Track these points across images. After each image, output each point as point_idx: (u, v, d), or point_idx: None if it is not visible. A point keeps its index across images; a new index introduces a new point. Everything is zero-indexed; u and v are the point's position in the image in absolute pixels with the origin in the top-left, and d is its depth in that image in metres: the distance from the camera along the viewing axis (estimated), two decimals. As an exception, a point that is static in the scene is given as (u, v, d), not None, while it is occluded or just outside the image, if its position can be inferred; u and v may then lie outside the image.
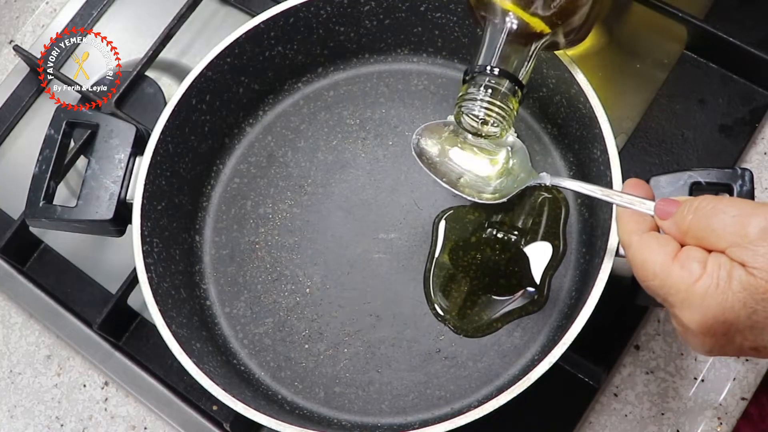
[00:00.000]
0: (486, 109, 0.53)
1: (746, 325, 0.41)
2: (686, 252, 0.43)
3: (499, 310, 0.61)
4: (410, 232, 0.64)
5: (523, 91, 0.53)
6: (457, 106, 0.54)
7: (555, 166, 0.64)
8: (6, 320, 0.72)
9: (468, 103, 0.53)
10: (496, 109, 0.53)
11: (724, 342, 0.43)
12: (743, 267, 0.41)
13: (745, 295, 0.40)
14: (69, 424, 0.68)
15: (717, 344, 0.43)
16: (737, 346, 0.43)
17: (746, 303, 0.41)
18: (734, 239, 0.41)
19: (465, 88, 0.53)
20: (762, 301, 0.40)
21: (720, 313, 0.41)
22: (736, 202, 0.43)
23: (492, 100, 0.52)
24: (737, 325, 0.41)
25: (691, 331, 0.43)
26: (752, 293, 0.40)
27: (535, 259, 0.61)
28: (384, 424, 0.59)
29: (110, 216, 0.59)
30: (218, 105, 0.66)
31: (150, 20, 0.80)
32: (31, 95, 0.79)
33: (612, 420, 0.62)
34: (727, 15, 0.69)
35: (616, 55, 0.71)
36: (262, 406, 0.56)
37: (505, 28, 0.53)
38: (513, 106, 0.53)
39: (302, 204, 0.66)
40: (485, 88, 0.52)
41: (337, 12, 0.65)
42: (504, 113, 0.53)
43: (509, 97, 0.53)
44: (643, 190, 0.48)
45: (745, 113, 0.67)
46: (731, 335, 0.42)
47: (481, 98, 0.52)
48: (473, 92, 0.53)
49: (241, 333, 0.63)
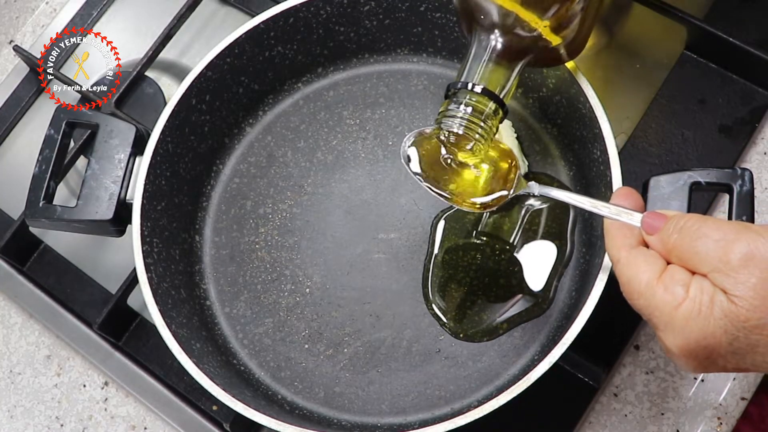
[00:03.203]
0: (465, 127, 0.52)
1: (728, 351, 0.42)
2: (670, 273, 0.43)
3: (501, 313, 0.60)
4: (410, 232, 0.64)
5: (505, 111, 0.53)
6: (436, 121, 0.54)
7: (555, 166, 0.64)
8: (6, 320, 0.72)
9: (447, 120, 0.53)
10: (475, 128, 0.52)
11: (707, 364, 0.43)
12: (725, 294, 0.41)
13: (726, 322, 0.41)
14: (69, 424, 0.68)
15: (700, 365, 0.43)
16: (720, 367, 0.43)
17: (727, 330, 0.41)
18: (717, 265, 0.41)
19: (446, 104, 0.53)
20: (743, 329, 0.41)
21: (702, 338, 0.42)
22: (720, 226, 0.43)
23: (471, 118, 0.52)
24: (719, 350, 0.42)
25: (674, 353, 0.43)
26: (733, 321, 0.41)
27: (538, 261, 0.61)
28: (384, 424, 0.59)
29: (110, 216, 0.59)
30: (218, 105, 0.66)
31: (150, 20, 0.80)
32: (31, 95, 0.79)
33: (612, 420, 0.62)
34: (727, 15, 0.69)
35: (616, 55, 0.71)
36: (262, 406, 0.56)
37: (491, 44, 0.52)
38: (493, 125, 0.53)
39: (302, 204, 0.66)
40: (466, 105, 0.52)
41: (337, 12, 0.65)
42: (483, 132, 0.52)
43: (490, 116, 0.52)
44: (632, 200, 0.49)
45: (745, 113, 0.67)
46: (713, 358, 0.42)
47: (461, 116, 0.52)
48: (453, 109, 0.52)
49: (241, 333, 0.63)
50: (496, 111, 0.53)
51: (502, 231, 0.62)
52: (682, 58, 0.69)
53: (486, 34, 0.53)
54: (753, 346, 0.41)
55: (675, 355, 0.44)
